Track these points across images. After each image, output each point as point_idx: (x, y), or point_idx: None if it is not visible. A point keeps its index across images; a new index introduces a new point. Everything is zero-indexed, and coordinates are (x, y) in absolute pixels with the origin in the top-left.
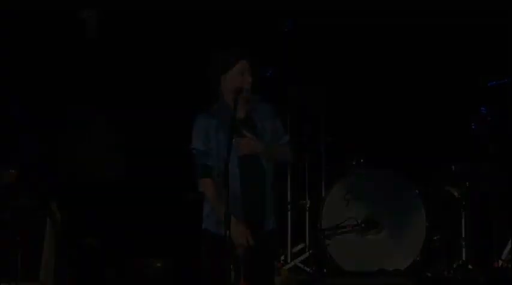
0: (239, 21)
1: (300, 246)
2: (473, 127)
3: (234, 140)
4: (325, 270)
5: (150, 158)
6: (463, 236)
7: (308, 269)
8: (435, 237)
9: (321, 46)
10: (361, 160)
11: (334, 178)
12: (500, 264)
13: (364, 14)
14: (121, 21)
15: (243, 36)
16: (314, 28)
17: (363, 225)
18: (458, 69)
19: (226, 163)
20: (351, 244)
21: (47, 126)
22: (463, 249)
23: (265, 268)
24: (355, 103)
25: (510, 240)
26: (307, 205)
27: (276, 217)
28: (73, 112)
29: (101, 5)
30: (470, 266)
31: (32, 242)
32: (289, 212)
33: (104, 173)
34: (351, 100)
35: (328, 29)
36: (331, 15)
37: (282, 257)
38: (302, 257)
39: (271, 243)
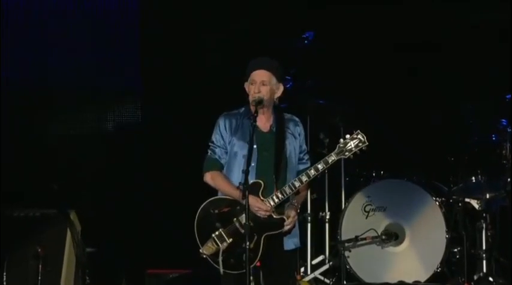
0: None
1: (319, 258)
2: (493, 138)
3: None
4: (344, 282)
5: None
6: (484, 248)
7: (328, 281)
8: (455, 250)
9: (339, 59)
10: (381, 172)
11: (354, 190)
12: None
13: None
14: None
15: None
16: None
17: (382, 237)
18: (480, 83)
19: (246, 172)
20: (371, 256)
21: None
22: (484, 262)
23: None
24: (376, 114)
25: None
26: (327, 217)
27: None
28: None
29: None
30: (491, 278)
31: (52, 251)
32: (309, 224)
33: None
34: (371, 111)
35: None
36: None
37: (302, 269)
38: (322, 269)
39: (293, 263)
